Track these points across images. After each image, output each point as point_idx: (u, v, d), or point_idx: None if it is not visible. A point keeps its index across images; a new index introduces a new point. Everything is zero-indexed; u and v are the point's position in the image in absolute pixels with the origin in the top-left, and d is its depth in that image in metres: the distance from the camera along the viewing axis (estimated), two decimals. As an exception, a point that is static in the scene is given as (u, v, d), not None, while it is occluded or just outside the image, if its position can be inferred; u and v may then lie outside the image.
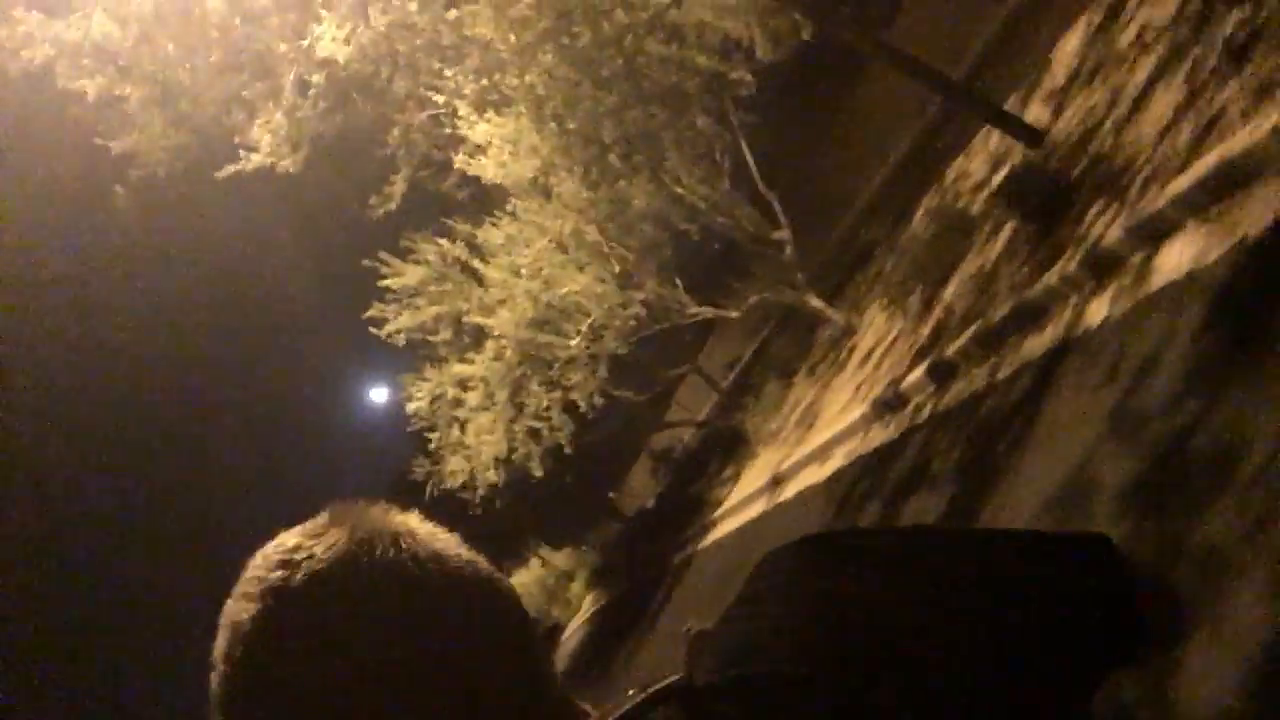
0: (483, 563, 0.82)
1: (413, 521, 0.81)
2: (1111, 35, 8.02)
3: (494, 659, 0.76)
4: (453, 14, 7.73)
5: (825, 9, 8.91)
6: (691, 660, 0.89)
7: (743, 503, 14.60)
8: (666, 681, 0.85)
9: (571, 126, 8.57)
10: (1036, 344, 6.45)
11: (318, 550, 0.75)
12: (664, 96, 9.23)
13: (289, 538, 0.77)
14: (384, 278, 13.06)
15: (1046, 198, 7.14)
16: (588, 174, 9.70)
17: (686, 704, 0.81)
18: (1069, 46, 9.25)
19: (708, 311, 14.36)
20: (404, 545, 0.77)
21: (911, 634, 0.81)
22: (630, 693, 0.84)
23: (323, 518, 0.79)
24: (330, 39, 7.56)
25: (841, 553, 0.94)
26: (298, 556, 0.74)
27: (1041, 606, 0.89)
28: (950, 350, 7.95)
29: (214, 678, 0.75)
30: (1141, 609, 0.95)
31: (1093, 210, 6.20)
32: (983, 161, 10.58)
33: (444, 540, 0.81)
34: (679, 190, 11.86)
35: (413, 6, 7.45)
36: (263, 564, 0.76)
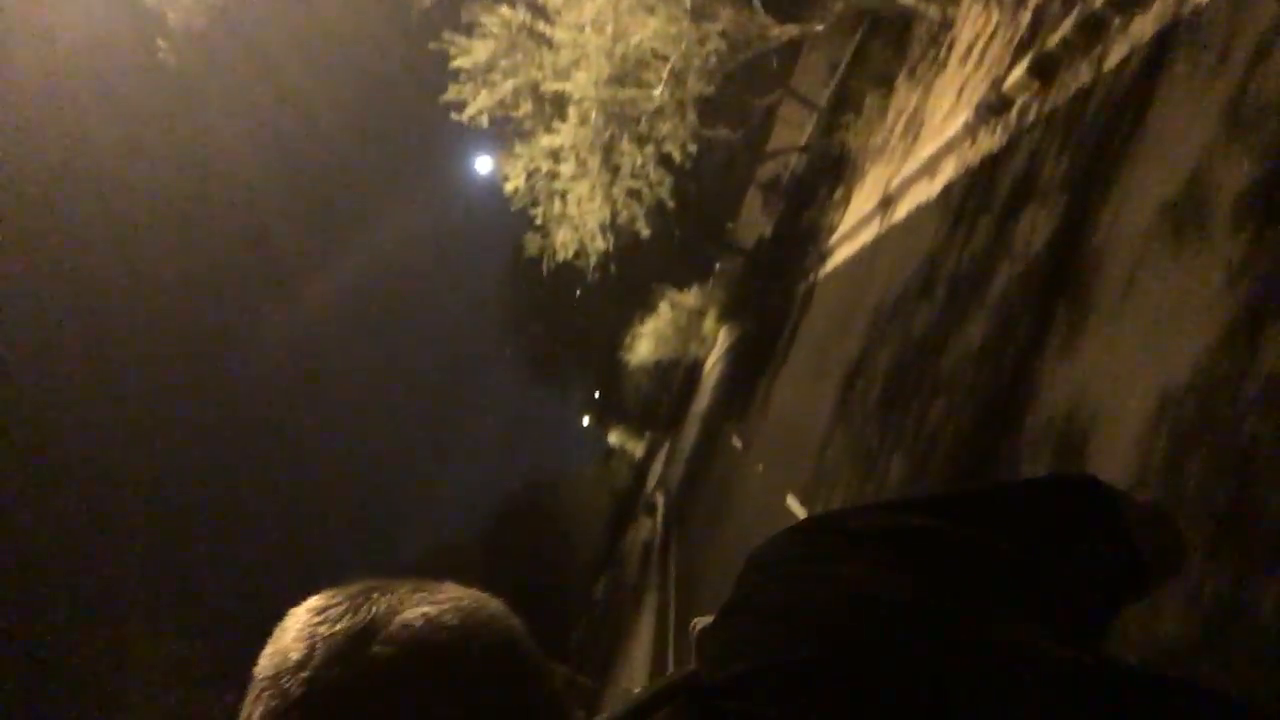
0: (468, 607, 0.77)
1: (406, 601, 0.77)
2: None
3: (494, 698, 0.74)
4: None
5: None
6: (699, 657, 0.90)
7: (856, 226, 14.29)
8: (671, 677, 0.87)
9: None
10: (1143, 25, 5.84)
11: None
12: None
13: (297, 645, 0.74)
14: (453, 59, 12.73)
15: None
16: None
17: (694, 701, 0.82)
18: None
19: (791, 30, 13.53)
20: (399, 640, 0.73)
21: (908, 610, 0.80)
22: (636, 690, 0.86)
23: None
24: None
25: (832, 536, 0.93)
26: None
27: (1039, 562, 0.91)
28: (1052, 41, 7.31)
29: None
30: (1138, 541, 0.98)
31: None
32: None
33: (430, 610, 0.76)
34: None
35: None
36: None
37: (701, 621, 0.99)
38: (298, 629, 0.73)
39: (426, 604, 0.75)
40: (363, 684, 0.69)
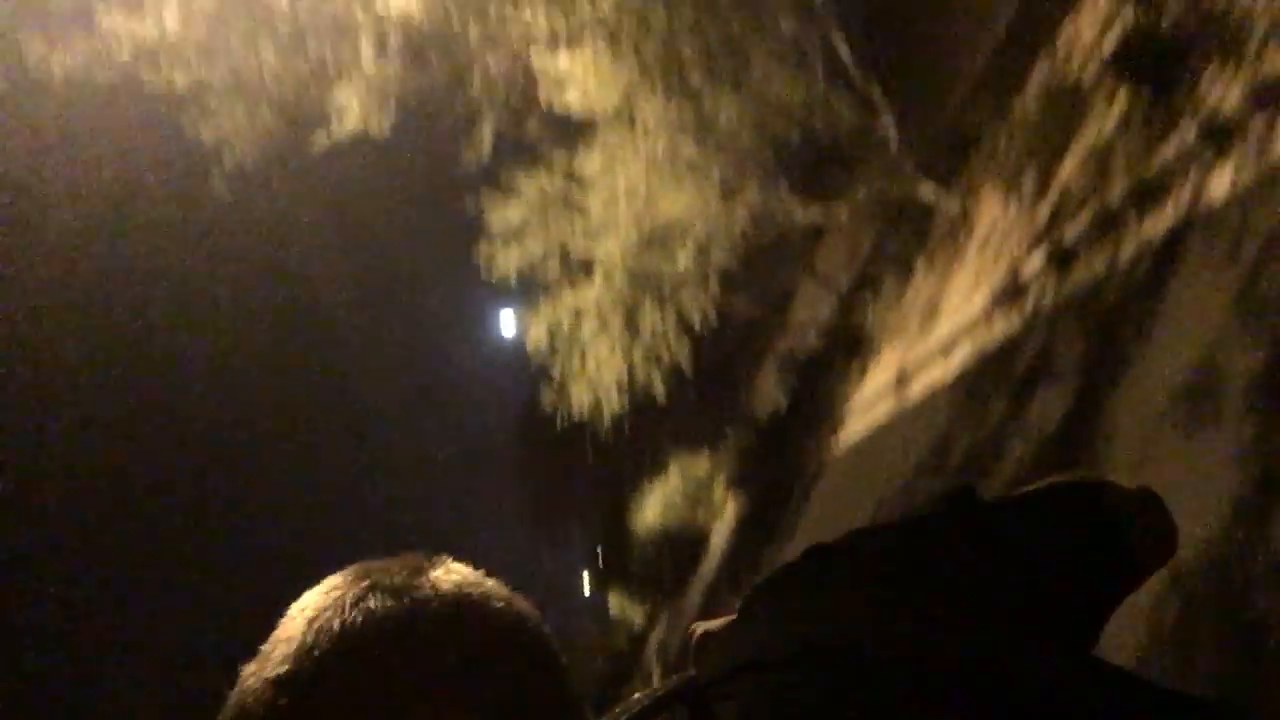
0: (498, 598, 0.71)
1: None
2: None
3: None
4: (518, -50, 7.58)
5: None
6: (698, 661, 0.90)
7: (870, 404, 14.41)
8: (672, 683, 0.85)
9: (649, 47, 8.35)
10: (1158, 222, 6.08)
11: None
12: (740, 3, 8.88)
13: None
14: (488, 217, 13.18)
15: (1160, 62, 6.65)
16: (671, 93, 9.48)
17: (690, 704, 0.80)
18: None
19: (815, 213, 14.03)
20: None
21: (913, 619, 0.79)
22: (636, 695, 0.84)
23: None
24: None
25: (839, 558, 0.93)
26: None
27: (1039, 572, 0.91)
28: (1069, 233, 7.59)
29: None
30: (1128, 537, 0.97)
31: (1208, 73, 5.75)
32: (1091, 25, 9.90)
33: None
34: (771, 95, 11.52)
35: (477, -51, 7.33)
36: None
37: (702, 626, 0.99)
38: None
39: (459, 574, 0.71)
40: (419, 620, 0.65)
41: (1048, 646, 0.80)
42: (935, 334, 11.62)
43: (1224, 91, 5.44)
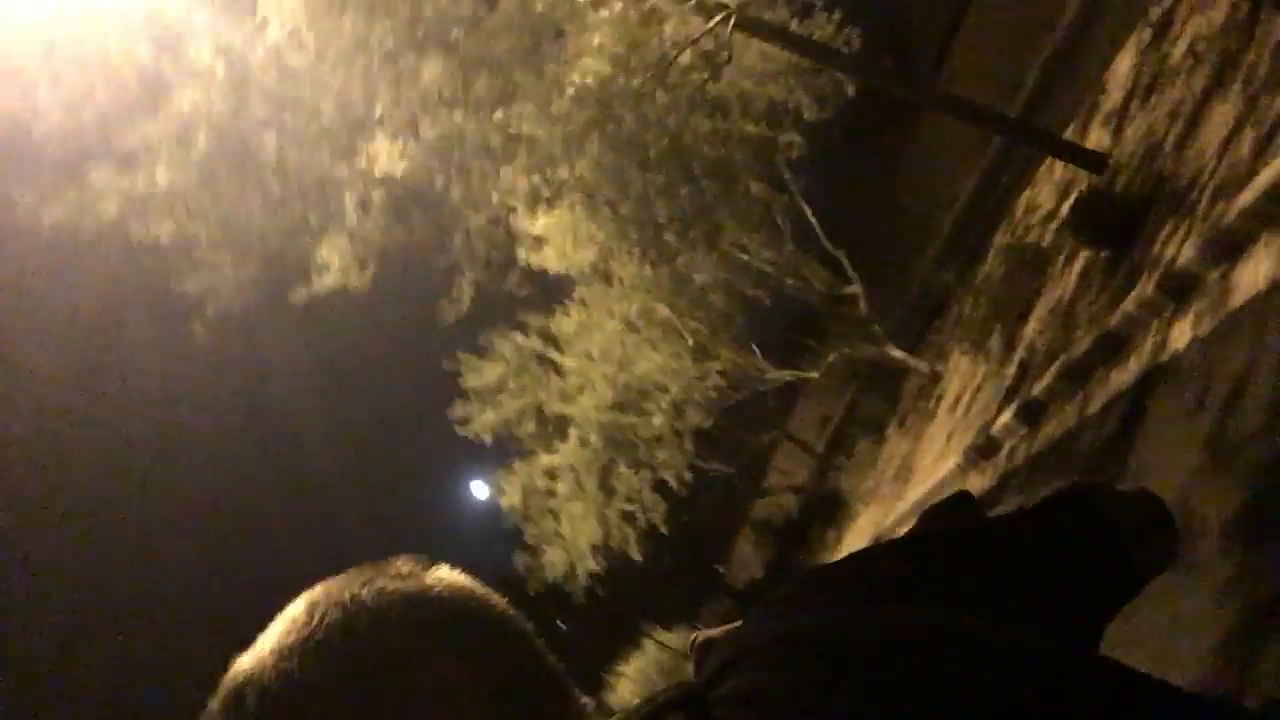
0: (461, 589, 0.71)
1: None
2: (1163, 51, 7.83)
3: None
4: (498, 115, 7.91)
5: (867, 65, 8.88)
6: (698, 667, 0.88)
7: (848, 566, 14.24)
8: (667, 690, 0.82)
9: (624, 211, 8.65)
10: (1124, 374, 6.20)
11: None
12: (713, 170, 9.27)
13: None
14: (464, 378, 13.26)
15: (1116, 223, 6.93)
16: (646, 254, 9.76)
17: (688, 710, 0.76)
18: (1122, 67, 9.06)
19: (787, 375, 14.21)
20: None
21: (915, 631, 0.75)
22: (636, 701, 0.81)
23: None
24: (385, 155, 7.81)
25: (837, 568, 0.93)
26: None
27: (1042, 582, 0.90)
28: (1037, 389, 7.71)
29: None
30: (1130, 549, 0.96)
31: (1164, 231, 5.99)
32: (1049, 193, 10.37)
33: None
34: (743, 258, 11.85)
35: (459, 116, 7.65)
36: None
37: (703, 635, 0.97)
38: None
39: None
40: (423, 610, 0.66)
41: (1040, 635, 0.78)
42: (910, 496, 11.61)
43: (1179, 248, 5.65)
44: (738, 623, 0.92)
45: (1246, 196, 4.76)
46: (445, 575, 0.71)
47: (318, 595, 0.67)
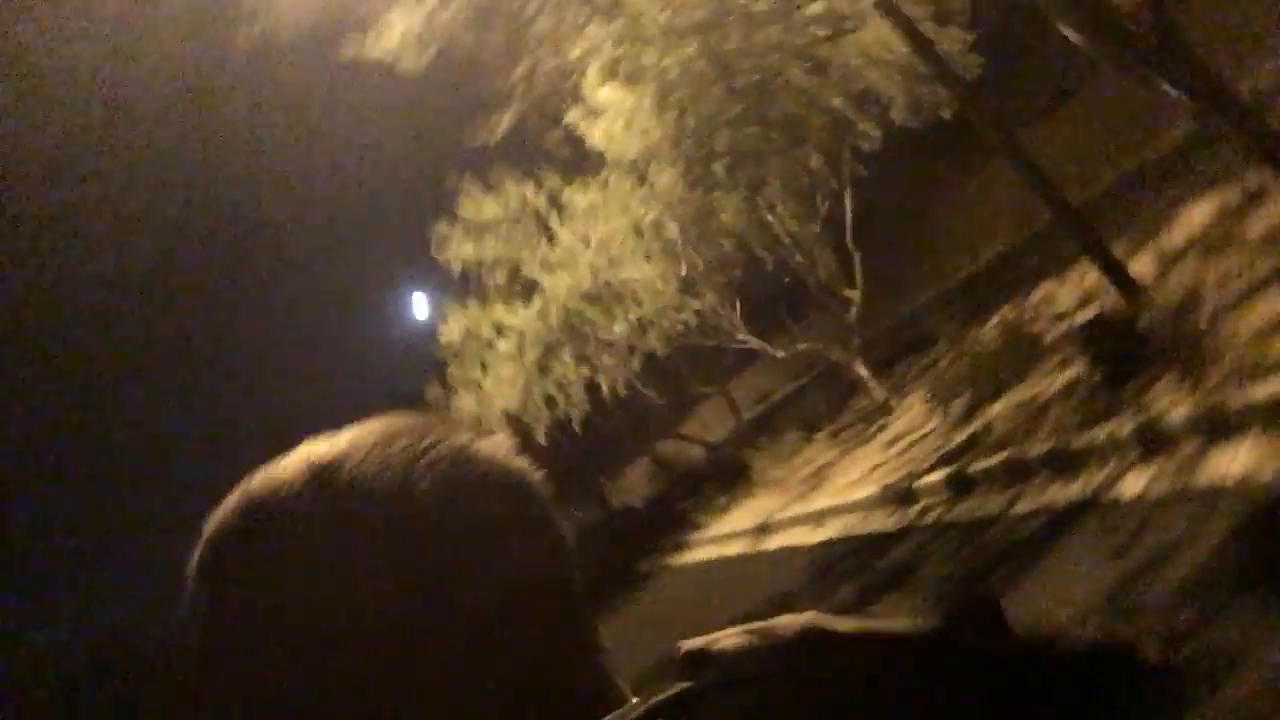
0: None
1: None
2: (1244, 219, 7.79)
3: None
4: (617, -29, 7.64)
5: (975, 93, 8.70)
6: (694, 673, 0.85)
7: (726, 537, 14.47)
8: (668, 693, 0.79)
9: (690, 122, 8.45)
10: (1063, 492, 6.28)
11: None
12: (786, 123, 9.08)
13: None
14: (461, 203, 13.08)
15: (1124, 352, 6.96)
16: (689, 172, 9.59)
17: (680, 714, 0.73)
18: (1197, 214, 9.01)
19: (755, 343, 14.24)
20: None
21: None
22: (634, 701, 0.79)
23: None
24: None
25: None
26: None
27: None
28: (977, 467, 7.80)
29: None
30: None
31: (1164, 383, 6.03)
32: (1072, 294, 10.37)
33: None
34: (769, 218, 11.74)
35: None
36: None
37: (689, 644, 0.95)
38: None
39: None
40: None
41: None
42: (813, 502, 11.77)
43: (1171, 405, 5.69)
44: (731, 635, 0.89)
45: (1260, 391, 4.79)
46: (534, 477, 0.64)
47: (414, 421, 0.59)
